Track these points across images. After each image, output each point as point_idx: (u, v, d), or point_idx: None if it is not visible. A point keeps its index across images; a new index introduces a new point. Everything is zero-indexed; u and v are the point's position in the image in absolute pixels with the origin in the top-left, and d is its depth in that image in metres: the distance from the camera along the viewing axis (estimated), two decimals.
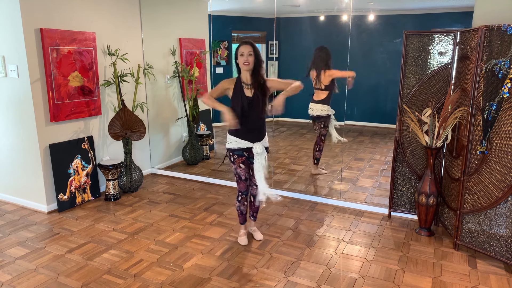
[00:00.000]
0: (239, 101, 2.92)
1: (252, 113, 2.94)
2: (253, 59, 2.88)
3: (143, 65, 4.83)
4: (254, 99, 2.92)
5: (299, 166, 5.29)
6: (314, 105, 4.75)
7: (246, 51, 2.86)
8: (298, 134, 6.60)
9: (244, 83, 2.94)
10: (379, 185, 4.61)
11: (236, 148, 3.03)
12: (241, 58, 2.88)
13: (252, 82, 2.92)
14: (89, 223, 3.68)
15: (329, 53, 4.62)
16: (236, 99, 2.94)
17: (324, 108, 4.71)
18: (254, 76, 2.92)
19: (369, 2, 5.75)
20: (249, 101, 2.92)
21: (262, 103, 2.93)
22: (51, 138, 3.88)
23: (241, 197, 3.19)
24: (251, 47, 2.88)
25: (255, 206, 3.27)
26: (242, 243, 3.25)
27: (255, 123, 2.99)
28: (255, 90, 2.92)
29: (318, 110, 4.72)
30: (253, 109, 2.93)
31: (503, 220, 2.84)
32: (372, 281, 2.75)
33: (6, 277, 2.80)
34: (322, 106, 4.70)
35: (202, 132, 5.79)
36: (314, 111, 4.76)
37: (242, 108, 2.91)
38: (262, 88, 2.93)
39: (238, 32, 6.57)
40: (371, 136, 6.51)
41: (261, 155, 2.98)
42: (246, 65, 2.87)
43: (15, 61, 3.67)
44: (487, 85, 2.80)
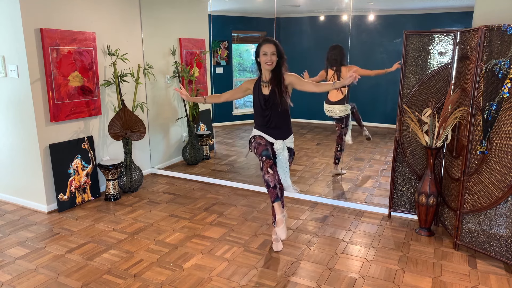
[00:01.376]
0: (257, 100, 2.91)
1: (271, 111, 2.89)
2: (276, 59, 2.82)
3: (143, 65, 4.83)
4: (270, 96, 2.87)
5: (299, 166, 5.29)
6: (333, 106, 4.68)
7: (269, 50, 2.80)
8: (298, 134, 6.60)
9: (263, 81, 2.91)
10: (379, 185, 4.61)
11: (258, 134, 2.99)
12: (264, 57, 2.81)
13: (269, 79, 2.87)
14: (89, 223, 3.69)
15: (343, 51, 4.58)
16: (255, 98, 2.93)
17: (346, 108, 4.67)
18: (274, 73, 2.87)
19: (369, 2, 5.74)
20: (266, 99, 2.88)
21: (280, 98, 2.84)
22: (51, 138, 3.88)
23: (262, 161, 2.79)
24: (275, 46, 2.81)
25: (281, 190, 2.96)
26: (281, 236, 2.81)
27: (277, 121, 2.92)
28: (272, 86, 2.86)
29: (340, 111, 4.66)
30: (271, 107, 2.88)
31: (503, 220, 2.84)
32: (372, 281, 2.75)
33: (6, 277, 2.80)
34: (343, 106, 4.65)
35: (202, 132, 5.79)
36: (335, 113, 4.69)
37: (260, 106, 2.89)
38: (278, 81, 2.85)
39: (238, 32, 6.57)
40: (371, 136, 6.50)
41: (282, 153, 2.90)
42: (269, 65, 2.82)
43: (15, 61, 3.67)
44: (487, 85, 2.80)
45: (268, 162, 2.79)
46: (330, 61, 4.65)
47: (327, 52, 4.71)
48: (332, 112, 4.72)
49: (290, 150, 3.02)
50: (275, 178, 2.78)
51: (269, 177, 2.76)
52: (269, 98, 2.88)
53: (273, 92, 2.86)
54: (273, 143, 2.95)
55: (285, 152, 2.91)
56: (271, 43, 2.83)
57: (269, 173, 2.76)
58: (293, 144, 3.07)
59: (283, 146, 2.91)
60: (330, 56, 4.66)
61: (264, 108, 2.89)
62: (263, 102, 2.89)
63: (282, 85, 2.87)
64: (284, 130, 2.97)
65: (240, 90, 3.07)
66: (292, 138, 3.04)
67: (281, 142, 2.91)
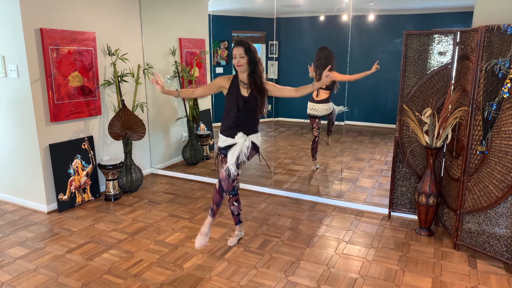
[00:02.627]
0: (234, 100, 2.87)
1: (247, 113, 2.88)
2: (246, 61, 2.81)
3: (143, 65, 4.83)
4: (250, 99, 2.86)
5: (299, 166, 5.28)
6: (317, 105, 4.77)
7: (237, 53, 2.81)
8: (298, 134, 6.60)
9: (241, 81, 2.90)
10: (379, 185, 4.61)
11: (223, 146, 2.97)
12: (234, 60, 2.83)
13: (249, 82, 2.87)
14: (89, 223, 3.68)
15: (331, 53, 4.64)
16: (231, 98, 2.89)
17: (329, 106, 4.79)
18: (251, 76, 2.86)
19: (369, 2, 5.74)
20: (245, 100, 2.86)
21: (260, 103, 2.87)
22: (51, 138, 3.88)
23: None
24: (243, 48, 2.80)
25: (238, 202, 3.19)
26: (196, 244, 2.91)
27: (247, 122, 2.92)
28: (251, 90, 2.86)
29: (324, 110, 4.77)
30: (248, 109, 2.87)
31: (503, 220, 2.84)
32: (372, 281, 2.75)
33: (6, 277, 2.80)
34: (326, 105, 4.75)
35: (202, 132, 5.79)
36: (319, 111, 4.77)
37: (237, 107, 2.86)
38: (259, 88, 2.86)
39: (238, 32, 6.57)
40: (371, 136, 6.50)
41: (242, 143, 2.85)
42: (239, 67, 2.83)
43: (15, 61, 3.67)
44: (487, 85, 2.80)
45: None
46: (317, 62, 4.71)
47: (317, 53, 4.76)
48: (317, 110, 4.79)
49: (255, 146, 2.98)
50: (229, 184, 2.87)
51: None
52: (248, 101, 2.86)
53: (253, 97, 2.86)
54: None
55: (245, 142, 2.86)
56: (240, 45, 2.82)
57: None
58: (259, 142, 3.03)
59: (244, 138, 2.87)
60: (318, 57, 4.72)
61: (241, 109, 2.87)
62: (241, 104, 2.86)
63: (265, 95, 2.89)
64: (250, 129, 2.94)
65: (213, 86, 3.01)
66: (258, 136, 3.00)
67: (241, 134, 2.88)
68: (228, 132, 2.95)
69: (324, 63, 4.63)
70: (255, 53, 2.87)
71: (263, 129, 5.85)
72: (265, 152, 5.80)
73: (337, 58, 4.70)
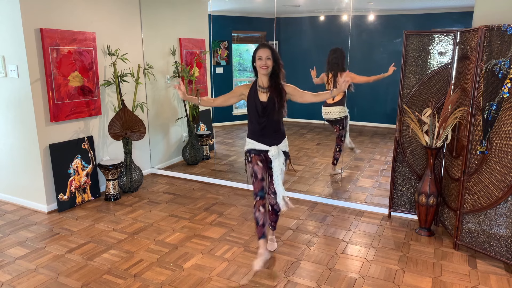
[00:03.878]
0: (253, 106, 2.85)
1: (268, 118, 2.84)
2: (272, 63, 2.78)
3: (143, 65, 4.83)
4: (269, 103, 2.81)
5: (299, 166, 5.29)
6: (331, 108, 4.67)
7: (264, 55, 2.76)
8: (298, 134, 6.60)
9: (259, 86, 2.85)
10: (379, 185, 4.61)
11: (251, 148, 2.95)
12: (259, 61, 2.77)
13: (268, 86, 2.82)
14: (89, 223, 3.69)
15: (344, 54, 4.56)
16: (250, 104, 2.87)
17: (343, 110, 4.68)
18: (272, 80, 2.82)
19: (369, 2, 5.74)
20: (264, 106, 2.82)
21: (279, 106, 2.81)
22: (51, 138, 3.88)
23: (256, 200, 2.89)
24: (270, 50, 2.77)
25: (274, 215, 3.11)
26: (255, 267, 2.80)
27: (271, 127, 2.88)
28: (271, 93, 2.81)
29: (337, 112, 4.67)
30: (268, 114, 2.83)
31: (503, 220, 2.84)
32: (372, 281, 2.75)
33: (6, 277, 2.80)
34: (340, 108, 4.65)
35: (202, 132, 5.80)
36: (333, 115, 4.68)
37: (256, 113, 2.84)
38: (279, 91, 2.82)
39: (238, 32, 6.58)
40: (371, 136, 6.51)
41: (278, 159, 2.87)
42: (264, 69, 2.77)
43: (15, 61, 3.68)
44: (487, 85, 2.80)
45: (261, 201, 2.89)
46: (330, 65, 4.64)
47: (328, 55, 4.69)
48: (330, 114, 4.72)
49: (286, 154, 2.98)
50: (264, 217, 2.88)
51: (259, 215, 2.88)
52: (267, 105, 2.83)
53: (271, 101, 2.82)
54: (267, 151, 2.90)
55: (280, 158, 2.89)
56: (266, 47, 2.79)
57: (260, 211, 2.88)
58: (288, 147, 3.02)
59: (277, 151, 2.87)
60: (331, 59, 4.64)
61: (261, 115, 2.84)
62: (260, 109, 2.83)
63: (283, 97, 2.84)
64: (278, 135, 2.92)
65: (234, 95, 2.99)
66: (286, 141, 2.99)
67: (275, 148, 2.87)
68: (255, 138, 2.93)
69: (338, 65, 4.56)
70: (279, 56, 2.85)
71: None
72: None
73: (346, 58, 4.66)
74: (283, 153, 2.93)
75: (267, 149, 2.89)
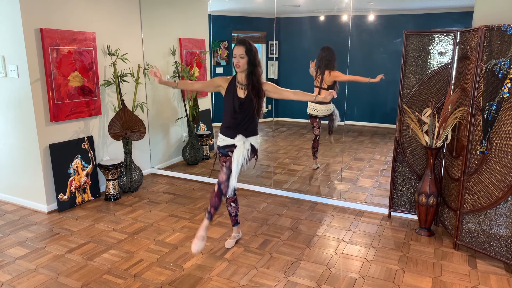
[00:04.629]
0: (230, 101, 2.86)
1: (243, 114, 2.86)
2: (245, 62, 2.77)
3: (143, 65, 4.83)
4: (246, 100, 2.84)
5: (299, 166, 5.28)
6: (318, 106, 4.77)
7: (238, 53, 2.77)
8: (298, 134, 6.59)
9: (238, 82, 2.87)
10: (379, 185, 4.61)
11: (221, 146, 2.97)
12: (234, 59, 2.80)
13: (246, 83, 2.84)
14: (89, 223, 3.69)
15: (333, 53, 4.64)
16: (228, 99, 2.88)
17: (329, 108, 4.80)
18: (249, 77, 2.83)
19: (369, 2, 5.74)
20: (241, 102, 2.84)
21: (256, 105, 2.84)
22: (51, 138, 3.88)
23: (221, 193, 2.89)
24: (244, 48, 2.76)
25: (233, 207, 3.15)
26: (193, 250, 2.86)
27: (244, 124, 2.90)
28: (248, 91, 2.83)
29: (324, 110, 4.79)
30: (244, 111, 2.85)
31: (503, 220, 2.84)
32: (372, 281, 2.75)
33: (6, 277, 2.80)
34: (327, 106, 4.76)
35: (202, 132, 5.79)
36: (320, 112, 4.79)
37: (233, 108, 2.84)
38: (257, 90, 2.83)
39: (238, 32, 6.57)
40: (371, 136, 6.50)
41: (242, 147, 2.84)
42: (237, 68, 2.80)
43: (15, 61, 3.67)
44: (487, 85, 2.80)
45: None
46: (319, 62, 4.71)
47: (319, 53, 4.77)
48: (317, 111, 4.81)
49: (254, 149, 2.96)
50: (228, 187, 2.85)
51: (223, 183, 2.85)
52: (244, 102, 2.83)
53: (249, 99, 2.83)
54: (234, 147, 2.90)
55: (245, 147, 2.85)
56: (241, 45, 2.78)
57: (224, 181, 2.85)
58: (258, 144, 3.01)
59: (243, 141, 2.86)
60: (321, 57, 4.72)
61: (237, 111, 2.84)
62: (237, 106, 2.84)
63: (261, 96, 2.86)
64: (249, 131, 2.92)
65: (211, 84, 3.01)
66: (257, 138, 2.98)
67: (241, 137, 2.86)
68: (227, 133, 2.94)
69: (325, 64, 4.64)
70: (256, 54, 2.83)
71: (263, 129, 5.85)
72: (265, 152, 5.80)
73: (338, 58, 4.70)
74: (251, 146, 2.91)
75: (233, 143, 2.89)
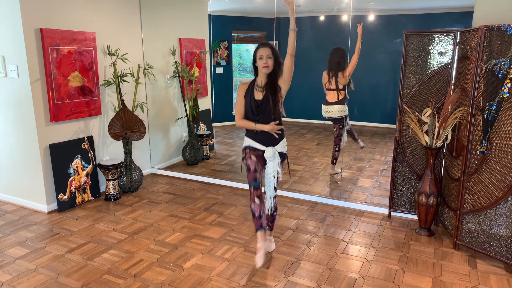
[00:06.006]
0: (248, 105, 2.87)
1: (263, 116, 2.85)
2: (273, 62, 2.79)
3: (143, 65, 4.83)
4: (263, 101, 2.83)
5: (299, 166, 5.29)
6: (332, 107, 4.71)
7: (265, 54, 2.77)
8: (298, 134, 6.59)
9: (257, 85, 2.87)
10: (379, 185, 4.61)
11: (250, 145, 2.95)
12: (260, 61, 2.78)
13: (265, 83, 2.84)
14: (89, 223, 3.69)
15: (345, 53, 4.58)
16: (246, 103, 2.89)
17: (343, 109, 4.72)
18: (270, 78, 2.83)
19: (369, 2, 5.74)
20: (258, 104, 2.84)
21: (273, 104, 2.81)
22: (51, 138, 3.88)
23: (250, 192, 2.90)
24: (270, 49, 2.79)
25: (270, 216, 3.08)
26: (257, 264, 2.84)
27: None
28: (266, 91, 2.83)
29: (338, 111, 4.71)
30: (263, 112, 2.84)
31: (503, 220, 2.84)
32: (372, 281, 2.75)
33: (6, 277, 2.80)
34: (341, 107, 4.69)
35: (202, 132, 5.79)
36: (334, 113, 4.72)
37: (251, 111, 2.85)
38: (274, 89, 2.83)
39: (238, 32, 6.57)
40: (371, 136, 6.51)
41: (273, 161, 2.88)
42: (266, 68, 2.78)
43: (15, 61, 3.68)
44: (487, 85, 2.80)
45: (255, 192, 2.89)
46: (331, 64, 4.66)
47: (329, 54, 4.71)
48: (331, 112, 4.75)
49: (283, 155, 2.98)
50: (260, 208, 2.89)
51: (254, 207, 2.89)
52: (262, 103, 2.84)
53: (266, 98, 2.83)
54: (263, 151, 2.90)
55: (275, 160, 2.89)
56: (267, 46, 2.80)
57: (255, 203, 2.88)
58: (286, 148, 3.01)
59: (273, 153, 2.88)
60: (332, 59, 4.66)
61: (255, 113, 2.85)
62: (254, 107, 2.85)
63: (278, 93, 2.84)
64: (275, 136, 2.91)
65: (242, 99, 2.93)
66: (284, 142, 2.98)
67: (271, 150, 2.87)
68: (256, 138, 2.92)
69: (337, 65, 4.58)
70: (280, 55, 2.85)
71: None
72: None
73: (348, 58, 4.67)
74: (280, 154, 2.93)
75: (264, 149, 2.90)
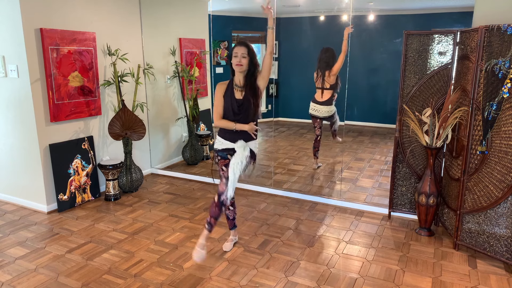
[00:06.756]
0: (229, 104, 2.86)
1: (243, 116, 2.86)
2: (247, 62, 2.79)
3: (143, 65, 4.83)
4: (244, 101, 2.84)
5: (299, 166, 5.28)
6: (319, 107, 4.78)
7: (239, 52, 2.78)
8: (298, 134, 6.59)
9: (236, 85, 2.87)
10: (379, 185, 4.61)
11: (220, 149, 2.94)
12: (234, 59, 2.80)
13: (244, 85, 2.85)
14: (89, 223, 3.69)
15: (334, 54, 4.65)
16: (226, 102, 2.87)
17: (331, 109, 4.81)
18: (247, 78, 2.84)
19: (369, 2, 5.74)
20: (239, 104, 2.85)
21: (254, 105, 2.84)
22: (51, 138, 3.88)
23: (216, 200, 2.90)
24: (246, 48, 2.79)
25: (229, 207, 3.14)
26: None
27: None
28: (246, 92, 2.84)
29: (325, 111, 4.80)
30: (243, 112, 2.85)
31: (503, 220, 2.84)
32: (372, 281, 2.75)
33: (6, 277, 2.80)
34: (329, 107, 4.78)
35: (202, 132, 5.79)
36: (321, 113, 4.81)
37: (232, 111, 2.84)
38: (254, 91, 2.84)
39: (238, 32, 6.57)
40: (371, 136, 6.50)
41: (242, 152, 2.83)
42: (239, 66, 2.79)
43: (15, 61, 3.67)
44: (487, 85, 2.80)
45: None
46: (320, 64, 4.72)
47: (319, 54, 4.77)
48: (318, 111, 4.82)
49: (253, 154, 2.96)
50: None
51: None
52: (243, 103, 2.84)
53: (247, 99, 2.84)
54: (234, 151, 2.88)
55: (245, 152, 2.84)
56: (243, 45, 2.80)
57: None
58: (257, 149, 3.00)
59: (244, 146, 2.85)
60: (320, 58, 4.74)
61: (236, 112, 2.85)
62: (236, 107, 2.84)
63: (258, 97, 2.86)
64: (249, 135, 2.91)
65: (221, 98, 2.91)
66: (256, 143, 2.97)
67: (242, 142, 2.86)
68: (227, 136, 2.91)
69: (325, 65, 4.65)
70: (256, 56, 2.87)
71: (263, 129, 5.85)
72: (265, 152, 5.80)
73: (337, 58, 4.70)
74: (250, 151, 2.91)
75: (233, 146, 2.88)
